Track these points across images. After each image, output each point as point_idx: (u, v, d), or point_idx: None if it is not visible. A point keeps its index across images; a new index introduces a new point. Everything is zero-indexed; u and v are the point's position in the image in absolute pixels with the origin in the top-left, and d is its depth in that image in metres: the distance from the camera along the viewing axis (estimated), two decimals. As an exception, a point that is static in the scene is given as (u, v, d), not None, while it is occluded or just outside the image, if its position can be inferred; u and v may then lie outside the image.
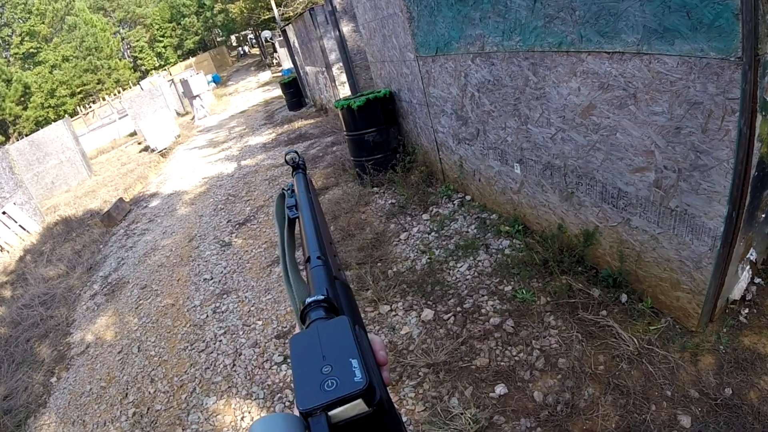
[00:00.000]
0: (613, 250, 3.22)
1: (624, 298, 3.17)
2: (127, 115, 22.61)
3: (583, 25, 2.72)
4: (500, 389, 2.93)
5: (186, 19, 48.05)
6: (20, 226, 11.11)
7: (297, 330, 0.59)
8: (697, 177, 2.40)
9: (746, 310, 2.85)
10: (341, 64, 10.28)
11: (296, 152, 1.07)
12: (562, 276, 3.48)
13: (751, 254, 2.82)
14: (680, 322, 2.90)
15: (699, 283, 2.66)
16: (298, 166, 1.04)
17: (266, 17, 31.42)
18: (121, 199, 10.75)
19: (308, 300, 0.56)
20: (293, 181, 0.99)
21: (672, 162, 2.51)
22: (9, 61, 38.28)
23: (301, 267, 0.80)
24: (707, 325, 2.82)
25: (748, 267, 2.86)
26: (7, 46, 39.40)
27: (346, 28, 9.37)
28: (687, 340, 2.79)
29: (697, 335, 2.79)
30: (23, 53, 38.75)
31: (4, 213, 10.95)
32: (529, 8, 3.09)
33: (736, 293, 2.88)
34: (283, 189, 0.95)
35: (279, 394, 3.62)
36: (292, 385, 3.48)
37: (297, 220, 0.86)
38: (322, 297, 0.56)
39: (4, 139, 30.74)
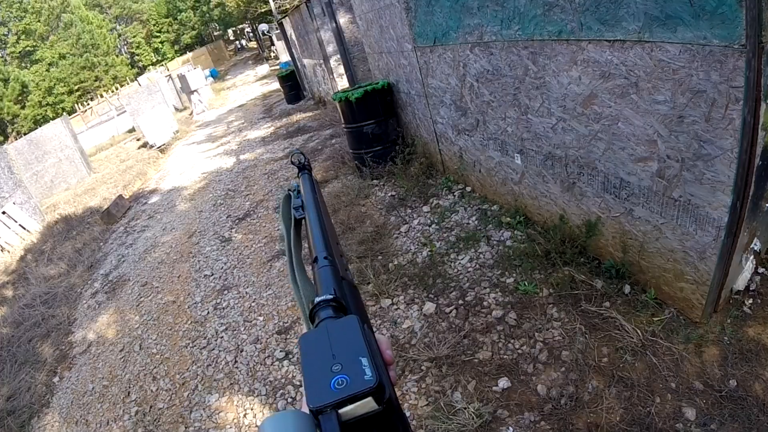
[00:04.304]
0: (616, 240, 3.19)
1: (627, 289, 3.14)
2: (125, 111, 22.57)
3: (583, 13, 2.68)
4: (503, 383, 2.91)
5: (182, 14, 47.90)
6: (20, 225, 11.14)
7: (305, 329, 0.61)
8: (700, 167, 2.37)
9: (750, 301, 2.83)
10: (339, 56, 10.23)
11: (301, 153, 1.07)
12: (565, 267, 3.45)
13: (755, 244, 2.80)
14: (684, 313, 2.88)
15: (703, 273, 2.64)
16: (303, 167, 1.05)
17: (263, 10, 31.35)
18: (120, 197, 10.75)
19: (317, 299, 0.57)
20: (299, 181, 1.00)
21: (675, 151, 2.48)
22: (6, 60, 38.21)
23: (307, 267, 0.79)
24: (711, 316, 2.80)
25: (751, 257, 2.84)
26: (3, 45, 39.28)
27: (342, 19, 9.32)
28: (691, 332, 2.76)
29: (701, 326, 2.77)
30: (20, 52, 38.64)
31: (4, 213, 10.98)
32: (527, -4, 3.05)
33: (740, 283, 2.86)
34: (288, 190, 0.96)
35: (281, 390, 3.61)
36: (294, 381, 3.48)
37: (303, 220, 0.88)
38: (331, 296, 0.57)
39: (2, 138, 30.71)
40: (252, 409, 3.58)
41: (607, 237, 3.28)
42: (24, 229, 11.16)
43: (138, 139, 19.62)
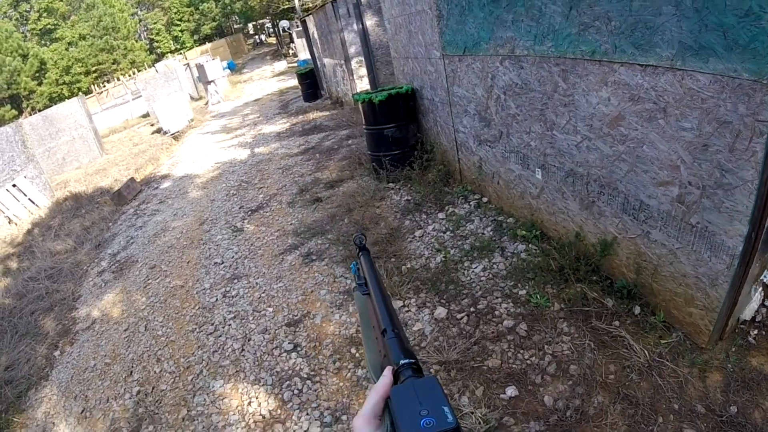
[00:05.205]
0: (630, 261, 3.24)
1: (637, 310, 3.19)
2: (140, 96, 22.71)
3: (618, 36, 2.74)
4: (511, 391, 2.96)
5: (204, 4, 47.97)
6: (29, 199, 11.25)
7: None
8: (720, 195, 2.43)
9: (755, 332, 2.88)
10: (360, 58, 10.30)
11: (363, 234, 1.20)
12: (577, 284, 3.50)
13: (765, 276, 2.85)
14: (691, 337, 2.93)
15: (713, 300, 2.69)
16: (363, 247, 1.17)
17: (285, 7, 31.45)
18: (132, 179, 10.83)
19: (401, 362, 0.73)
20: (359, 260, 1.15)
21: (697, 178, 2.53)
22: (26, 36, 38.41)
23: None
24: (717, 343, 2.85)
25: (760, 289, 2.89)
26: (24, 21, 39.51)
27: (369, 21, 9.38)
28: (696, 356, 2.81)
29: (706, 352, 2.82)
30: (40, 29, 38.88)
31: (14, 186, 11.09)
32: (563, 15, 3.11)
33: (747, 314, 2.91)
34: (356, 282, 1.09)
35: (287, 382, 3.64)
36: (301, 373, 3.53)
37: (368, 296, 1.01)
38: (413, 360, 0.73)
39: (17, 113, 30.83)
40: (257, 398, 3.60)
41: (621, 257, 3.33)
42: (33, 203, 11.27)
43: (152, 125, 19.72)
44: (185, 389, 3.94)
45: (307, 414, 3.33)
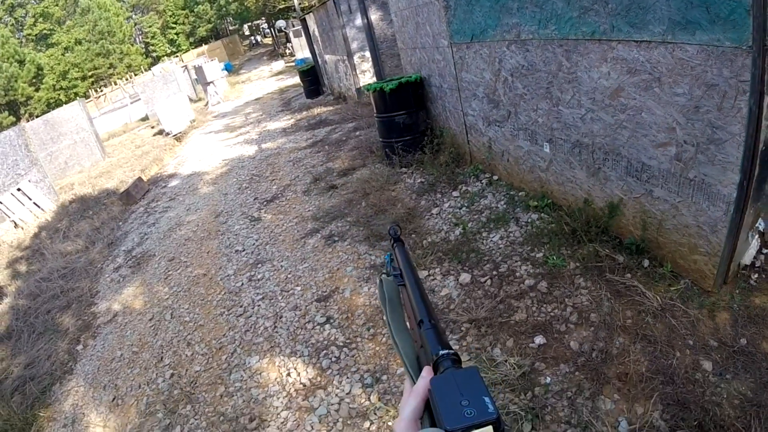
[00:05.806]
0: (636, 219, 3.53)
1: (646, 263, 3.48)
2: (139, 99, 22.82)
3: (615, 17, 3.05)
4: (539, 339, 3.24)
5: (199, 6, 47.92)
6: (35, 203, 11.28)
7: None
8: (713, 149, 2.74)
9: (756, 275, 3.15)
10: (362, 53, 10.51)
11: (398, 225, 1.19)
12: (590, 244, 3.77)
13: (760, 224, 3.14)
14: (697, 283, 3.21)
15: (715, 245, 2.98)
16: (398, 239, 1.14)
17: (282, 6, 31.51)
18: (139, 179, 10.98)
19: (441, 352, 0.71)
20: (394, 251, 1.12)
21: (691, 137, 2.84)
22: (22, 42, 38.39)
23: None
24: (722, 287, 3.12)
25: (757, 236, 3.18)
26: (20, 27, 39.51)
27: (373, 16, 9.59)
28: (704, 299, 3.09)
29: (713, 295, 3.09)
30: (36, 35, 38.91)
31: (19, 190, 11.13)
32: (565, 0, 3.42)
33: (747, 259, 3.19)
34: (381, 275, 1.08)
35: (324, 351, 3.84)
36: (336, 342, 3.74)
37: (403, 287, 0.99)
38: (452, 351, 0.71)
39: (15, 119, 30.88)
40: (295, 369, 3.78)
41: (628, 217, 3.63)
42: (38, 207, 11.31)
43: (152, 127, 19.76)
44: (220, 368, 4.08)
45: (348, 378, 3.53)
